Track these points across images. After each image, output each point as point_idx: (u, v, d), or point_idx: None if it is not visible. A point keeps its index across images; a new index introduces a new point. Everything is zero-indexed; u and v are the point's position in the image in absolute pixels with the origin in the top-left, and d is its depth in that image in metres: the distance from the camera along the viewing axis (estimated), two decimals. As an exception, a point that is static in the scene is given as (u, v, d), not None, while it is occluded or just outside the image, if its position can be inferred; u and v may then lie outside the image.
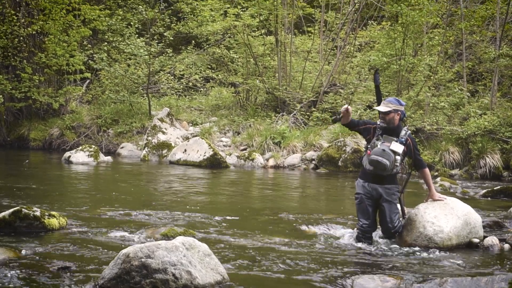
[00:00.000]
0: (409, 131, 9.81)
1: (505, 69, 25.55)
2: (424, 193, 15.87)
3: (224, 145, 24.68)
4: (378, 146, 9.66)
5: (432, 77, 24.00)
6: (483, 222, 10.50)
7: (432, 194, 10.00)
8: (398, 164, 9.60)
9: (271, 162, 22.49)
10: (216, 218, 11.78)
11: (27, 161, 21.75)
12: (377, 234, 10.06)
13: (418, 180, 18.99)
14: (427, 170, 9.97)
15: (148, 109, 27.32)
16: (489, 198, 15.70)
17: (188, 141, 23.20)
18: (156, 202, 13.59)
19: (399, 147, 9.62)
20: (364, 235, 9.90)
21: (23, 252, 8.62)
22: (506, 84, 26.71)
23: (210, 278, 7.14)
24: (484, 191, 16.32)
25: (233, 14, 27.80)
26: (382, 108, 9.72)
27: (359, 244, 9.79)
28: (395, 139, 9.64)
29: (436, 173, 20.68)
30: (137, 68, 28.73)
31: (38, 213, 10.13)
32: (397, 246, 9.75)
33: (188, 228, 10.43)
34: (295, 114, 25.74)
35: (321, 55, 28.73)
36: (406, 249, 9.60)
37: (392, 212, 9.77)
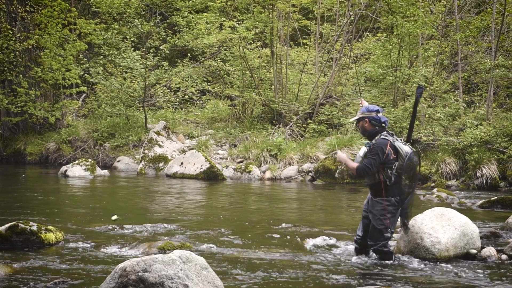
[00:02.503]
0: (383, 137, 9.56)
1: (500, 79, 25.56)
2: (422, 204, 15.90)
3: (220, 158, 24.67)
4: None
5: (428, 88, 24.02)
6: (480, 233, 10.51)
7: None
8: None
9: (268, 175, 22.49)
10: (213, 231, 11.78)
11: (23, 175, 21.73)
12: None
13: (416, 191, 18.98)
14: (356, 171, 9.59)
15: (145, 122, 27.31)
16: (486, 209, 15.70)
17: (184, 154, 23.20)
18: (153, 216, 13.58)
19: (362, 152, 9.67)
20: (357, 247, 9.90)
21: (19, 267, 8.61)
22: (502, 94, 26.73)
23: (207, 292, 7.13)
24: (481, 201, 16.30)
25: (229, 27, 27.81)
26: (351, 119, 9.84)
27: (356, 256, 9.78)
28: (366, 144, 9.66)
29: (433, 184, 20.68)
30: (133, 81, 28.73)
31: (34, 228, 10.12)
32: (394, 258, 9.73)
33: (185, 241, 10.42)
34: (291, 126, 25.75)
35: (317, 67, 28.78)
36: (404, 260, 9.59)
37: (374, 227, 9.51)
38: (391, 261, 9.46)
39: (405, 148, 9.46)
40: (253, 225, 12.88)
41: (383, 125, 9.65)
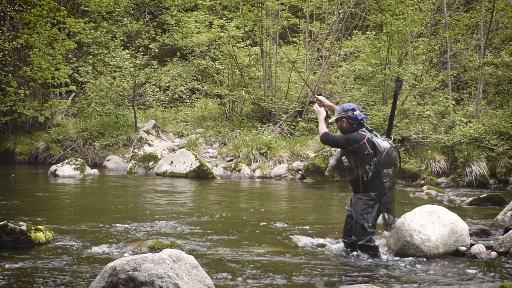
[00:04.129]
0: (359, 133, 9.70)
1: (489, 77, 25.63)
2: (412, 201, 15.93)
3: (210, 156, 24.67)
4: None
5: (417, 86, 24.08)
6: (469, 230, 10.54)
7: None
8: (348, 164, 9.74)
9: (258, 173, 22.49)
10: (203, 229, 11.77)
11: (13, 175, 21.66)
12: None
13: (405, 189, 19.08)
14: (322, 134, 9.95)
15: (134, 121, 27.27)
16: (475, 206, 15.74)
17: (174, 152, 23.17)
18: (143, 215, 13.56)
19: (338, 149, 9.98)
20: (347, 248, 10.01)
21: (9, 267, 8.58)
22: (491, 92, 26.82)
23: (198, 290, 7.13)
24: (471, 199, 16.35)
25: (218, 26, 27.80)
26: (329, 120, 10.09)
27: (346, 254, 9.81)
28: None
29: (423, 182, 20.75)
30: (123, 80, 28.69)
31: (24, 227, 10.09)
32: (385, 255, 9.78)
33: (175, 240, 10.41)
34: (281, 125, 25.77)
35: (306, 65, 28.78)
36: (394, 258, 9.63)
37: (357, 223, 9.70)
38: (378, 257, 9.54)
39: (383, 144, 9.59)
40: (244, 223, 12.88)
41: (361, 122, 9.73)
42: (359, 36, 29.34)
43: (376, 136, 9.72)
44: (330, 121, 10.09)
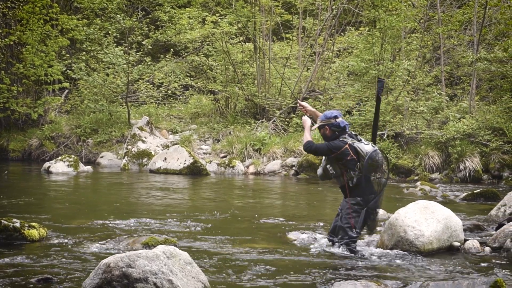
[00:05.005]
0: (340, 140, 9.77)
1: (483, 72, 25.63)
2: (406, 197, 15.94)
3: (204, 153, 24.66)
4: None
5: (410, 82, 24.08)
6: (463, 225, 10.56)
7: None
8: (333, 172, 9.84)
9: (252, 169, 22.50)
10: (197, 226, 11.76)
11: (6, 172, 21.61)
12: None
13: (399, 185, 19.10)
14: (305, 142, 10.01)
15: (128, 118, 27.23)
16: (469, 202, 15.76)
17: (168, 149, 23.17)
18: (137, 211, 13.54)
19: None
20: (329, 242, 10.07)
21: (2, 263, 8.56)
22: (484, 87, 26.82)
23: (192, 287, 7.11)
24: (464, 194, 16.39)
25: (211, 22, 27.78)
26: (312, 127, 10.24)
27: (339, 250, 9.80)
28: None
29: (416, 177, 20.78)
30: (116, 77, 28.63)
31: (17, 224, 10.06)
32: (379, 251, 9.78)
33: (169, 236, 10.39)
34: (274, 121, 25.76)
35: (300, 61, 28.75)
36: (388, 254, 9.62)
37: (340, 227, 9.78)
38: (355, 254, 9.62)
39: (366, 148, 9.66)
40: (238, 220, 12.87)
41: (344, 129, 9.79)
42: (353, 32, 29.31)
43: (359, 141, 9.75)
44: (313, 128, 10.12)
